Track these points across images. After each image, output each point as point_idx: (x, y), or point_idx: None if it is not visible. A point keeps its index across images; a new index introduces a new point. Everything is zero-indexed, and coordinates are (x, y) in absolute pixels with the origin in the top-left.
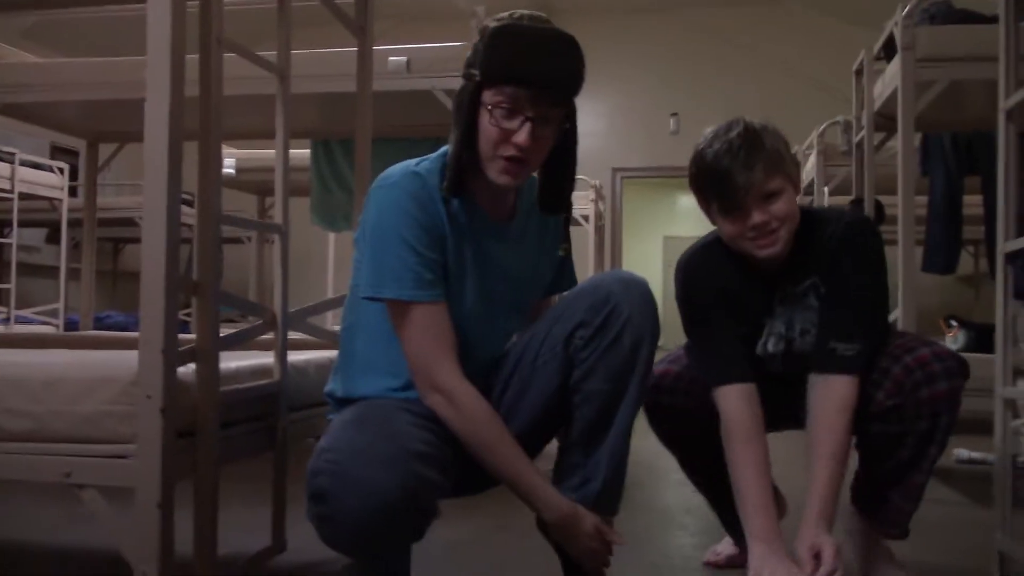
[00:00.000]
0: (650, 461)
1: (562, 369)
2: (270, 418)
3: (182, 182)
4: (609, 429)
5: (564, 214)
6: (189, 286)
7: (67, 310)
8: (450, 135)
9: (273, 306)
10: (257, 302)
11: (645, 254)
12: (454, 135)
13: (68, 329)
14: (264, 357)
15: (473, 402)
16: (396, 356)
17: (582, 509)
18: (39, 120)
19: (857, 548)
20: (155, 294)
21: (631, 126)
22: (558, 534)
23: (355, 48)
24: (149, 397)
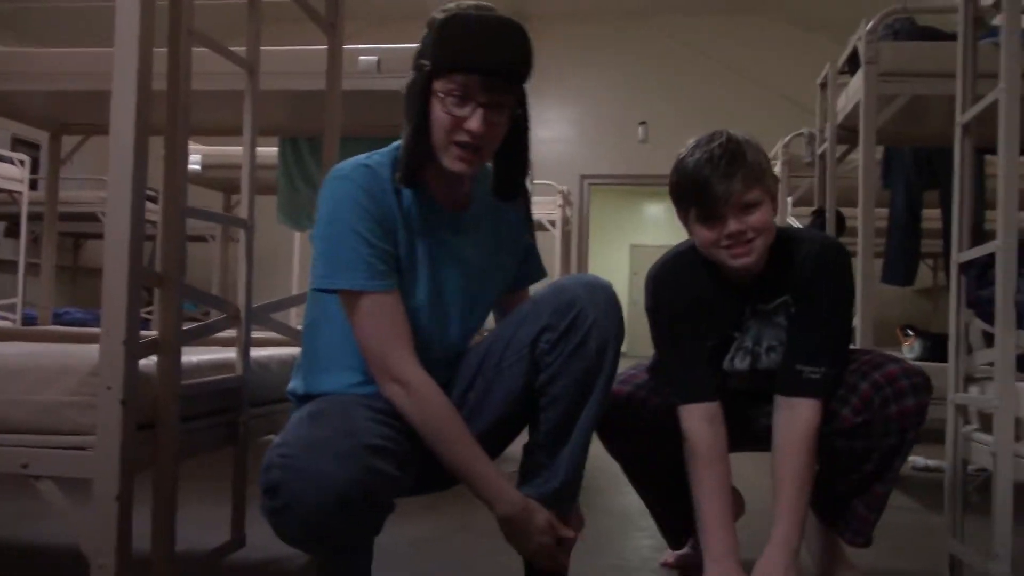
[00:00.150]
0: (609, 467)
1: (527, 372)
2: (231, 413)
3: (147, 176)
4: (572, 430)
5: (519, 200)
6: (152, 278)
7: (25, 305)
8: (403, 127)
9: (237, 301)
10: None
11: (612, 262)
12: (406, 126)
13: (26, 324)
14: (227, 352)
15: (429, 392)
16: (356, 351)
17: (535, 504)
18: (0, 110)
19: (815, 552)
20: (117, 285)
21: (600, 133)
22: (511, 530)
23: (325, 46)
24: (109, 388)
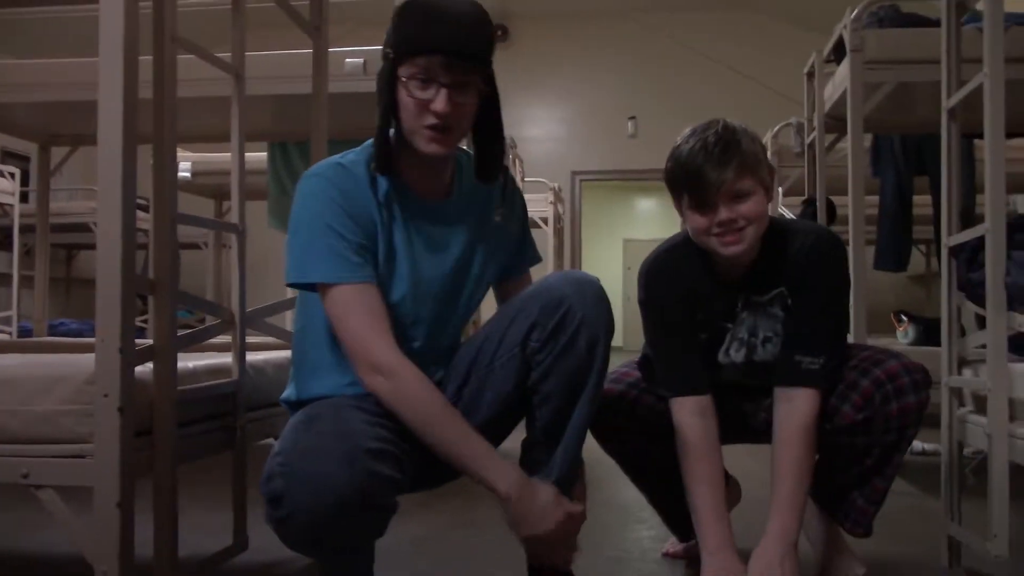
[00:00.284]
0: (607, 459)
1: (519, 371)
2: (228, 417)
3: (137, 184)
4: (565, 425)
5: (500, 181)
6: (145, 285)
7: (20, 318)
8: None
9: (231, 306)
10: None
11: (605, 257)
12: (377, 116)
13: (21, 336)
14: (222, 357)
15: (410, 375)
16: (339, 354)
17: (537, 481)
18: None
19: (815, 539)
20: (111, 293)
21: (589, 130)
22: (517, 511)
23: (310, 50)
24: (106, 396)
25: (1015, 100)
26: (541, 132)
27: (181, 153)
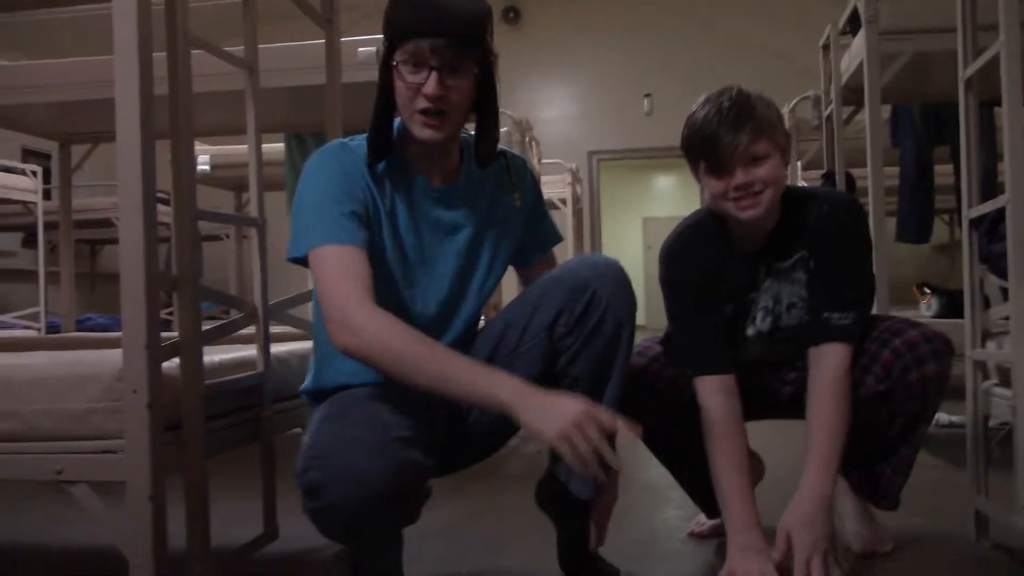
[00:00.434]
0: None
1: (545, 356)
2: (255, 409)
3: (156, 180)
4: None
5: (503, 163)
6: (169, 282)
7: (47, 314)
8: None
9: (253, 299)
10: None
11: (624, 236)
12: (375, 102)
13: (50, 332)
14: (247, 350)
15: (383, 327)
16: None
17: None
18: (8, 124)
19: (842, 512)
20: (136, 291)
21: (605, 109)
22: (529, 416)
23: (323, 40)
24: (135, 392)
25: None
26: (557, 113)
27: (199, 146)
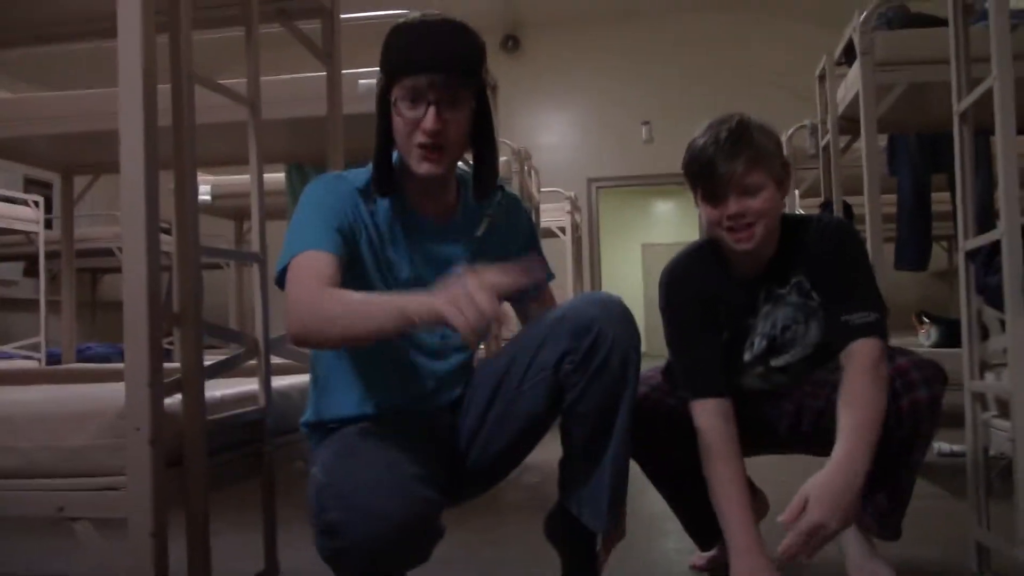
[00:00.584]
0: (634, 471)
1: (550, 393)
2: (256, 443)
3: (159, 212)
4: (609, 440)
5: (499, 197)
6: (171, 319)
7: (48, 343)
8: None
9: (255, 332)
10: (239, 330)
11: (624, 263)
12: (375, 138)
13: (50, 362)
14: (248, 384)
15: (309, 296)
16: (352, 368)
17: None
18: (11, 155)
19: (843, 543)
20: (138, 328)
21: (604, 136)
22: (430, 303)
23: (323, 72)
24: (138, 429)
25: None
26: (555, 140)
27: (200, 176)
